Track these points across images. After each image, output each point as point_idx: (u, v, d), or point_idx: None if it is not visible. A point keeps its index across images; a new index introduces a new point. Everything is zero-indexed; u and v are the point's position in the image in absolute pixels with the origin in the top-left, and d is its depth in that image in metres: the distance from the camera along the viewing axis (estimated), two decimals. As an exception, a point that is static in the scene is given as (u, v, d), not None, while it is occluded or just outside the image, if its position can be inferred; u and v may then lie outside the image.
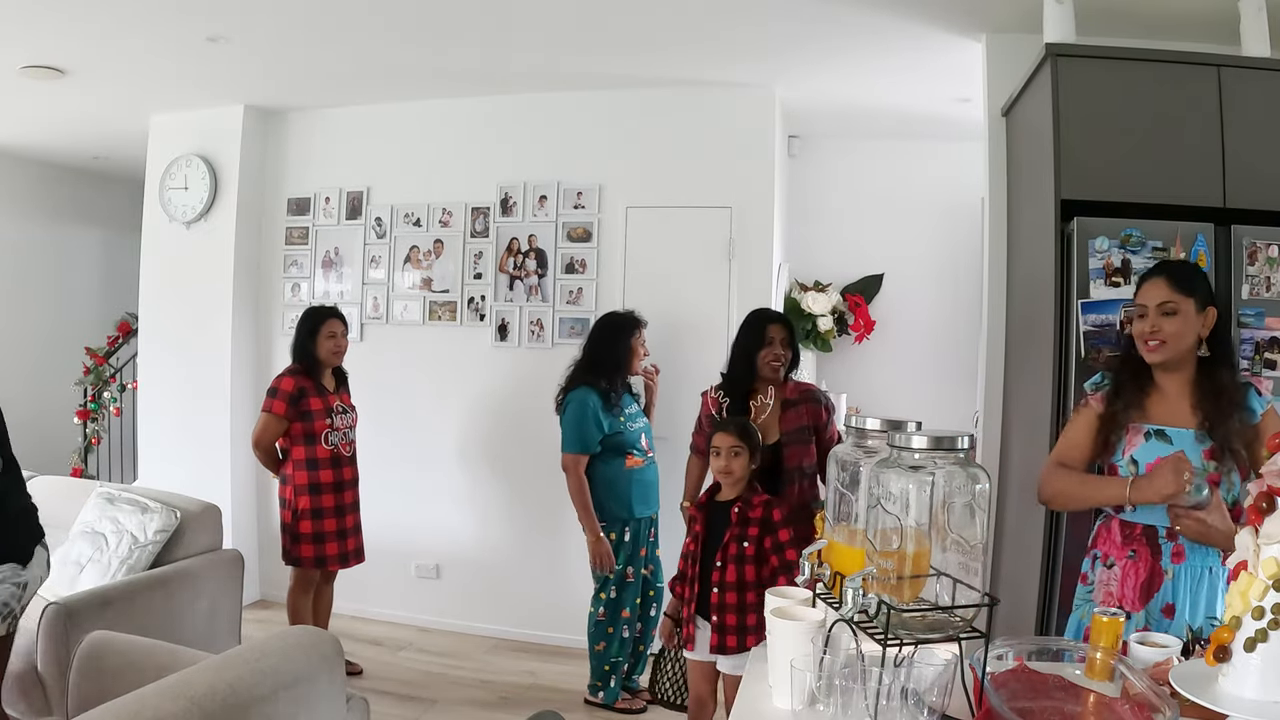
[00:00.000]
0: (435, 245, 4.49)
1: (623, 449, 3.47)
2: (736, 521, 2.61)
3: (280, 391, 3.50)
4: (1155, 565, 1.92)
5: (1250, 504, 1.23)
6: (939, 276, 4.79)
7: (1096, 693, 1.36)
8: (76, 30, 3.49)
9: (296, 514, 3.52)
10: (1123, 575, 1.96)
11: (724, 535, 2.61)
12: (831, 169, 4.95)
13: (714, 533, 2.65)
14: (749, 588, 2.56)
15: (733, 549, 2.59)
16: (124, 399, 5.79)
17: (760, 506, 2.62)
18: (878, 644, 1.30)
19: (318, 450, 3.53)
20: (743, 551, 2.58)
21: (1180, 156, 2.63)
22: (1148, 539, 1.94)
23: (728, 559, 2.59)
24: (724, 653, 2.60)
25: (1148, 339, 1.97)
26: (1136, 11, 3.01)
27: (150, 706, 1.49)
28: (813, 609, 1.56)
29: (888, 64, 3.73)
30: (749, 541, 2.58)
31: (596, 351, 3.51)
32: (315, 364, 3.60)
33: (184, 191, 4.69)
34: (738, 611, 2.56)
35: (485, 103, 4.42)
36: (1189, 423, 1.94)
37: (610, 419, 3.45)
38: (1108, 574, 1.99)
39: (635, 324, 3.57)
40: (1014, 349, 3.24)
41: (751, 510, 2.61)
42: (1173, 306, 1.93)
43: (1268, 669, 1.14)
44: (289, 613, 3.61)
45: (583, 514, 3.43)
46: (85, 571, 3.12)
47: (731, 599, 2.57)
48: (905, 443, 1.40)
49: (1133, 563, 1.95)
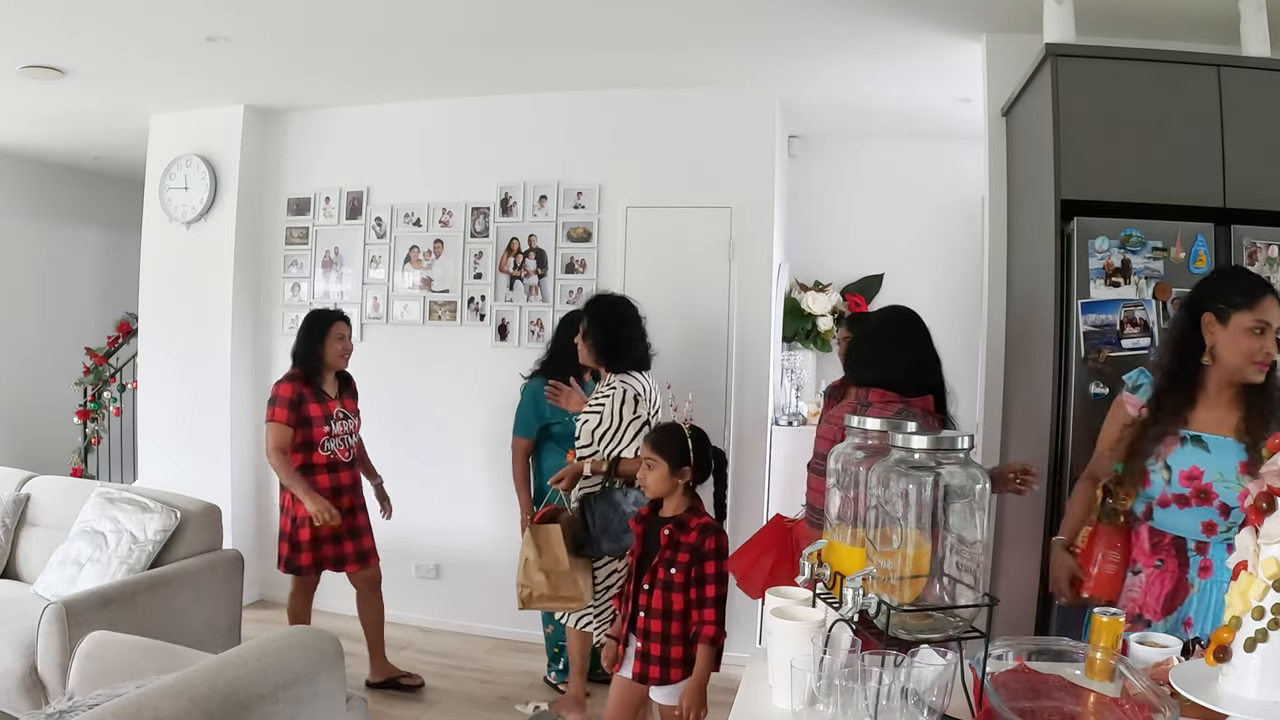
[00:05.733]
0: (435, 245, 4.49)
1: (566, 440, 3.45)
2: (666, 544, 2.37)
3: (280, 399, 3.43)
4: (1182, 577, 1.88)
5: (1250, 504, 1.23)
6: (939, 277, 4.78)
7: (1096, 693, 1.36)
8: (76, 30, 3.49)
9: (295, 521, 3.45)
10: (1146, 583, 1.92)
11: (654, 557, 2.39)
12: (831, 169, 4.95)
13: (649, 551, 2.43)
14: (674, 618, 2.34)
15: (660, 573, 2.36)
16: (124, 399, 5.79)
17: (696, 531, 2.37)
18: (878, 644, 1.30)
19: (314, 456, 3.47)
20: (670, 578, 2.34)
21: (1180, 156, 2.63)
22: (1176, 549, 1.90)
23: (655, 583, 2.36)
24: (645, 682, 2.40)
25: (1262, 360, 1.84)
26: (1136, 11, 3.01)
27: (150, 706, 1.49)
28: (813, 609, 1.56)
29: (888, 64, 3.73)
30: (677, 568, 2.34)
31: (553, 345, 3.70)
32: (319, 368, 3.53)
33: (184, 191, 4.69)
34: (661, 641, 2.35)
35: (485, 103, 4.42)
36: (1232, 432, 1.86)
37: (551, 409, 3.49)
38: (1133, 580, 1.96)
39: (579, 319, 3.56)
40: (1014, 349, 3.24)
41: (685, 534, 2.37)
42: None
43: (1268, 669, 1.14)
44: (290, 618, 3.57)
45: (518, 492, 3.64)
46: (85, 571, 3.12)
47: (656, 627, 2.36)
48: (905, 443, 1.40)
49: (1159, 572, 1.91)
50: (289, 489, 3.43)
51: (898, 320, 2.51)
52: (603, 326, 3.22)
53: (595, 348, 3.22)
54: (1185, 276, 2.55)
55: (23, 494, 3.61)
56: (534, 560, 3.04)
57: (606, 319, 3.24)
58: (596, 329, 3.22)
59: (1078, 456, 2.57)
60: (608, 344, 3.20)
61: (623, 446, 3.07)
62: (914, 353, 2.41)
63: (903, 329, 2.46)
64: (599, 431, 3.11)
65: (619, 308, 3.30)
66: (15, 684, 2.75)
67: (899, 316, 2.52)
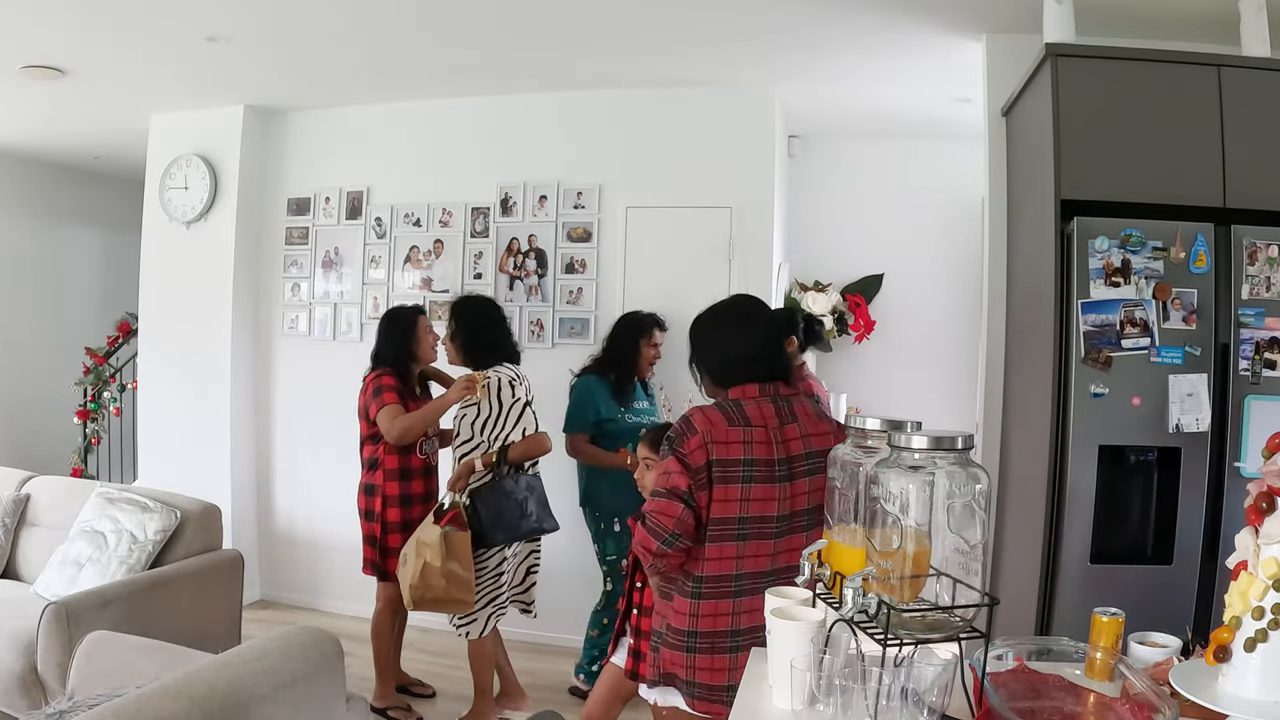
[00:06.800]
0: (435, 245, 4.49)
1: (620, 441, 3.47)
2: None
3: (387, 386, 3.27)
4: None
5: (1250, 504, 1.23)
6: (939, 276, 4.79)
7: (1096, 693, 1.36)
8: (76, 30, 3.49)
9: (386, 526, 3.32)
10: None
11: None
12: (831, 169, 4.95)
13: None
14: None
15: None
16: (124, 399, 5.79)
17: None
18: (878, 644, 1.30)
19: (412, 460, 3.37)
20: None
21: (1180, 156, 2.63)
22: None
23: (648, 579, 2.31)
24: (635, 679, 2.35)
25: None
26: (1136, 11, 3.01)
27: (150, 706, 1.49)
28: (813, 609, 1.56)
29: (888, 64, 3.73)
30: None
31: (608, 344, 3.70)
32: (410, 366, 3.41)
33: (184, 191, 4.69)
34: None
35: (485, 103, 4.42)
36: None
37: (610, 407, 3.54)
38: None
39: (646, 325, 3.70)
40: (1014, 349, 3.24)
41: None
42: None
43: (1268, 669, 1.14)
44: (374, 633, 3.46)
45: (605, 462, 3.51)
46: (85, 571, 3.12)
47: (647, 625, 2.32)
48: (905, 443, 1.40)
49: None
50: (438, 411, 3.27)
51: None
52: (469, 328, 3.26)
53: (463, 349, 3.26)
54: (1185, 276, 2.55)
55: (23, 494, 3.62)
56: (438, 566, 2.99)
57: (473, 320, 3.28)
58: (464, 330, 3.26)
59: (1078, 456, 2.57)
60: (475, 345, 3.24)
61: (509, 431, 3.12)
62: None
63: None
64: (479, 423, 3.15)
65: (485, 309, 3.35)
66: (15, 684, 2.75)
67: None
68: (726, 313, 2.19)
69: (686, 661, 1.99)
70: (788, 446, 2.02)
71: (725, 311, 2.20)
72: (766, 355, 2.12)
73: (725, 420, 2.00)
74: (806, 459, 2.04)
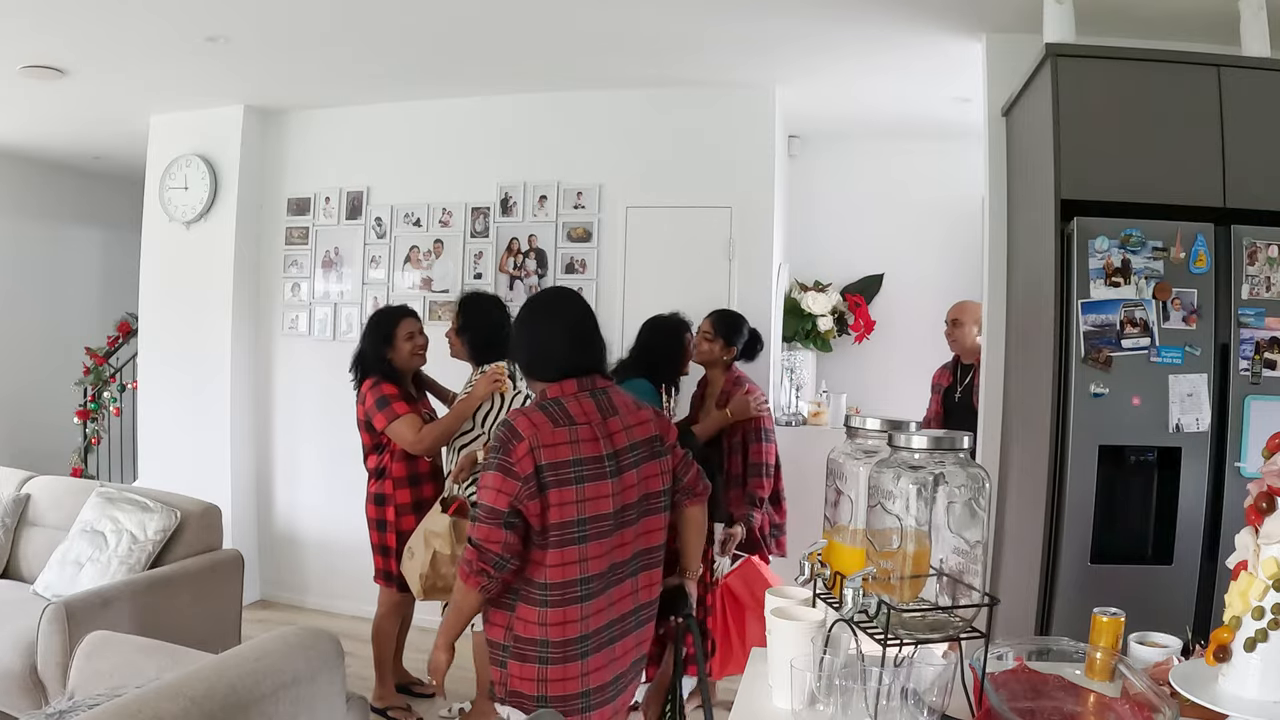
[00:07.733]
0: (435, 245, 4.49)
1: None
2: None
3: (392, 396, 3.17)
4: None
5: (1250, 504, 1.23)
6: (939, 276, 4.78)
7: (1096, 693, 1.36)
8: (76, 30, 3.49)
9: (400, 537, 3.19)
10: None
11: None
12: (831, 169, 4.95)
13: None
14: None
15: None
16: (124, 399, 5.79)
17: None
18: (878, 644, 1.30)
19: (420, 465, 3.28)
20: None
21: (1180, 156, 2.63)
22: None
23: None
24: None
25: None
26: (1136, 11, 3.01)
27: (150, 706, 1.49)
28: (813, 609, 1.56)
29: (888, 64, 3.73)
30: None
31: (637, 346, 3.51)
32: (394, 372, 3.28)
33: (184, 191, 4.69)
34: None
35: (485, 103, 4.42)
36: None
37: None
38: None
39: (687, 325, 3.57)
40: (1014, 349, 3.24)
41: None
42: None
43: (1268, 669, 1.14)
44: (375, 637, 3.42)
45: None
46: (85, 571, 3.12)
47: None
48: (905, 443, 1.40)
49: None
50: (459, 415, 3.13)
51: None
52: (476, 324, 3.25)
53: (469, 344, 3.25)
54: (1185, 276, 2.55)
55: (23, 494, 3.62)
56: (448, 554, 2.92)
57: (479, 316, 3.27)
58: (471, 326, 3.25)
59: (1078, 456, 2.57)
60: (481, 341, 3.22)
61: None
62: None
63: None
64: (480, 414, 3.17)
65: (490, 306, 3.34)
66: (15, 684, 2.75)
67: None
68: (538, 307, 2.17)
69: (538, 674, 1.93)
70: (613, 440, 1.99)
71: (536, 305, 2.18)
72: (573, 350, 2.06)
73: (550, 421, 1.94)
74: (631, 450, 2.01)
